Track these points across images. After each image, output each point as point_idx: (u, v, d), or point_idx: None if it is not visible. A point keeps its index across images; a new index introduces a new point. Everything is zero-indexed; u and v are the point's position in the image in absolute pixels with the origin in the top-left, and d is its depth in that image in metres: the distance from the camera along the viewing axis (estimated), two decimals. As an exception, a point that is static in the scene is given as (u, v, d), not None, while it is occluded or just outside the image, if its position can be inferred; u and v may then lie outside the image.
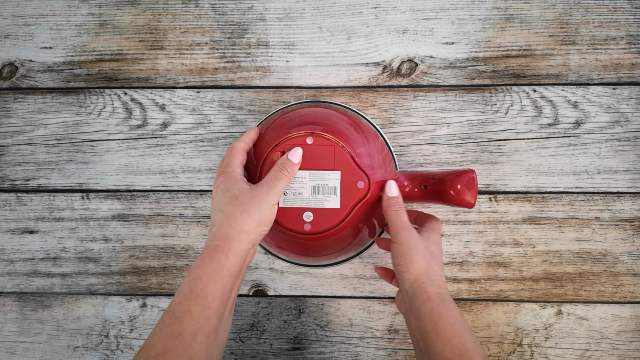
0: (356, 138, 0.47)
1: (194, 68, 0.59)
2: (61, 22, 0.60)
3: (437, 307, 0.40)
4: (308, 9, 0.58)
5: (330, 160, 0.46)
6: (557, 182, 0.57)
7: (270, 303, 0.57)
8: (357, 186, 0.46)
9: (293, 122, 0.47)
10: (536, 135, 0.57)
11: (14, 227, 0.59)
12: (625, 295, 0.56)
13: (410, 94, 0.57)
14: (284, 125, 0.48)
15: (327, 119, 0.48)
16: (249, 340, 0.57)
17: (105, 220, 0.58)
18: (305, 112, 0.50)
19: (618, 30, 0.57)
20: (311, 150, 0.45)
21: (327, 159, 0.46)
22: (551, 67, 0.57)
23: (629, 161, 0.56)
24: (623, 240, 0.56)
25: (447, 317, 0.39)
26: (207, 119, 0.58)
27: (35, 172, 0.59)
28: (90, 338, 0.58)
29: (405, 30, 0.58)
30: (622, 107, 0.57)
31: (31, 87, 0.59)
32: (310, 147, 0.45)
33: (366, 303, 0.57)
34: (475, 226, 0.57)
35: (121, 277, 0.58)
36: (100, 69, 0.59)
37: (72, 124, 0.59)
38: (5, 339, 0.58)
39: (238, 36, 0.59)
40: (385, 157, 0.50)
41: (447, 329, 0.39)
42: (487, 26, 0.58)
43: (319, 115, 0.49)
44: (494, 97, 0.57)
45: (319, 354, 0.56)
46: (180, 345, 0.36)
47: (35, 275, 0.58)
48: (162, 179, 0.58)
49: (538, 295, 0.56)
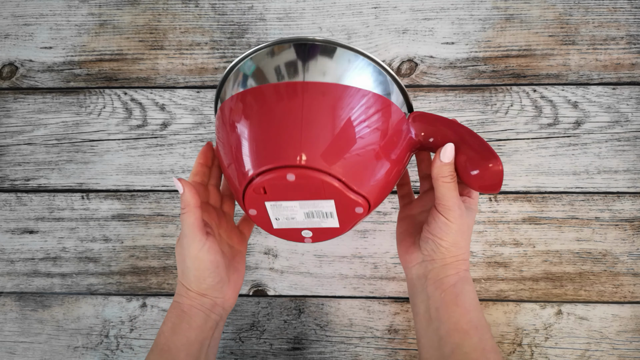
0: (352, 149, 0.36)
1: (194, 68, 0.59)
2: (61, 22, 0.60)
3: (461, 282, 0.40)
4: (308, 9, 0.58)
5: (320, 191, 0.37)
6: (557, 182, 0.57)
7: (270, 303, 0.57)
8: (355, 211, 0.38)
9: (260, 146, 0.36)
10: (536, 135, 0.57)
11: (14, 227, 0.59)
12: (625, 295, 0.56)
13: (410, 94, 0.57)
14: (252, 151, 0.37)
15: (308, 130, 0.36)
16: (249, 340, 0.57)
17: (105, 220, 0.58)
18: (277, 120, 0.36)
19: (618, 30, 0.57)
20: (295, 184, 0.36)
21: (316, 190, 0.37)
22: (551, 67, 0.57)
23: (629, 161, 0.56)
24: (623, 240, 0.56)
25: (468, 293, 0.39)
26: (207, 119, 0.58)
27: (35, 172, 0.59)
28: (90, 338, 0.58)
29: (405, 30, 0.58)
30: (622, 107, 0.57)
31: (31, 87, 0.59)
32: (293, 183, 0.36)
33: (366, 303, 0.57)
34: (475, 226, 0.57)
35: (121, 277, 0.58)
36: (100, 69, 0.59)
37: (72, 124, 0.59)
38: (5, 339, 0.58)
39: (238, 36, 0.59)
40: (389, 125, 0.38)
41: (467, 302, 0.39)
42: (487, 26, 0.58)
43: (295, 125, 0.36)
44: (494, 97, 0.57)
45: (319, 354, 0.57)
46: None
47: (35, 275, 0.58)
48: (162, 179, 0.58)
49: (538, 295, 0.56)
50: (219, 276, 0.40)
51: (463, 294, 0.39)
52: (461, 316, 0.38)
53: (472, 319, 0.38)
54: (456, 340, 0.37)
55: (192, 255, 0.38)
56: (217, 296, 0.41)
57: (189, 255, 0.38)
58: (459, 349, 0.37)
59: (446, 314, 0.38)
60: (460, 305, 0.38)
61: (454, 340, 0.37)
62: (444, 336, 0.38)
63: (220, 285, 0.41)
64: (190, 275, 0.39)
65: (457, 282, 0.40)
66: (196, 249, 0.38)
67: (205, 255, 0.38)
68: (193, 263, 0.39)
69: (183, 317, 0.39)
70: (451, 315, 0.38)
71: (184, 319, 0.39)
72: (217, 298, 0.41)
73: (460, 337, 0.37)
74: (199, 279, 0.39)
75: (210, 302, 0.40)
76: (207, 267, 0.39)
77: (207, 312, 0.40)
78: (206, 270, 0.39)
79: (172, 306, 0.40)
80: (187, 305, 0.39)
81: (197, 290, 0.40)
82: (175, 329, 0.39)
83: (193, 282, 0.39)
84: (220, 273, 0.40)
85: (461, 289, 0.39)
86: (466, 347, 0.37)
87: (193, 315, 0.39)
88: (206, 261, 0.38)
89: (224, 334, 0.57)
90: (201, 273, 0.39)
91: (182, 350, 0.38)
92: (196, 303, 0.40)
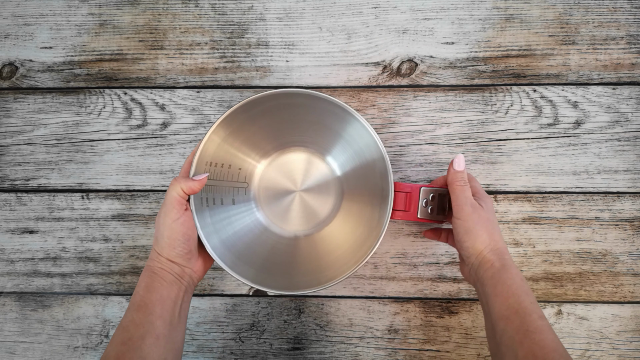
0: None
1: (194, 68, 0.59)
2: (61, 22, 0.60)
3: (497, 273, 0.42)
4: (308, 9, 0.58)
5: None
6: (557, 182, 0.57)
7: (270, 303, 0.57)
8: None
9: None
10: (536, 135, 0.57)
11: (14, 227, 0.59)
12: (625, 295, 0.56)
13: (410, 94, 0.57)
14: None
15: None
16: (249, 340, 0.57)
17: (105, 220, 0.58)
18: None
19: (618, 30, 0.57)
20: None
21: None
22: (551, 67, 0.57)
23: (629, 161, 0.56)
24: (623, 240, 0.56)
25: (505, 280, 0.42)
26: (207, 119, 0.58)
27: (35, 172, 0.59)
28: (90, 338, 0.58)
29: (405, 30, 0.58)
30: (622, 107, 0.57)
31: (31, 87, 0.59)
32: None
33: (366, 303, 0.57)
34: (475, 226, 0.57)
35: (121, 277, 0.58)
36: (100, 69, 0.59)
37: (72, 124, 0.59)
38: (5, 339, 0.58)
39: (238, 36, 0.59)
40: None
41: (504, 290, 0.41)
42: (487, 26, 0.58)
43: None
44: (494, 97, 0.57)
45: (319, 354, 0.57)
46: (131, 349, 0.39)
47: (35, 275, 0.58)
48: (162, 179, 0.58)
49: (538, 295, 0.56)
50: (188, 248, 0.44)
51: (500, 283, 0.42)
52: (501, 304, 0.41)
53: (511, 305, 0.40)
54: (502, 326, 0.40)
55: (166, 224, 0.43)
56: (186, 265, 0.45)
57: (164, 223, 0.43)
58: (505, 334, 0.40)
59: (491, 306, 0.42)
60: (499, 294, 0.41)
61: (500, 327, 0.40)
62: (494, 325, 0.41)
63: (189, 257, 0.45)
64: (163, 242, 0.43)
65: (494, 273, 0.42)
66: (171, 219, 0.43)
67: (179, 227, 0.43)
68: (166, 231, 0.43)
69: (155, 278, 0.43)
70: (493, 305, 0.41)
71: (156, 279, 0.43)
72: (186, 267, 0.45)
73: (504, 323, 0.40)
74: (170, 247, 0.43)
75: (179, 269, 0.44)
76: (177, 237, 0.43)
77: (177, 277, 0.44)
78: (177, 240, 0.43)
79: (145, 269, 0.44)
80: (158, 268, 0.43)
81: (167, 256, 0.43)
82: (149, 287, 0.42)
83: (165, 249, 0.43)
84: (189, 246, 0.44)
85: (498, 279, 0.42)
86: (510, 331, 0.39)
87: (164, 276, 0.43)
88: (178, 232, 0.43)
89: (224, 333, 0.57)
90: (172, 242, 0.43)
91: (157, 304, 0.42)
92: (166, 267, 0.43)
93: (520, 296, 0.40)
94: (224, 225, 0.50)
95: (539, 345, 0.37)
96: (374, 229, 0.48)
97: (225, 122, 0.47)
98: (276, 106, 0.49)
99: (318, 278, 0.48)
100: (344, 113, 0.47)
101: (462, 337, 0.56)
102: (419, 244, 0.57)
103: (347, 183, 0.54)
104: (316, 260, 0.51)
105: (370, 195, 0.50)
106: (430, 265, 0.57)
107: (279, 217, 0.54)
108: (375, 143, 0.47)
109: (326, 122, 0.50)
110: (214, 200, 0.50)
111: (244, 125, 0.49)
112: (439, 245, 0.57)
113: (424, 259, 0.57)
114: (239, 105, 0.46)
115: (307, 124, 0.51)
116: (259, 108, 0.48)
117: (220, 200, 0.50)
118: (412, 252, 0.57)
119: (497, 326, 0.41)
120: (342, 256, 0.50)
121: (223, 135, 0.48)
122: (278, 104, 0.48)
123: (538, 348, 0.37)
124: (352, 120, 0.48)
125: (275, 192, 0.54)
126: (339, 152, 0.53)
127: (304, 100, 0.48)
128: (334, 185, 0.54)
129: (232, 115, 0.47)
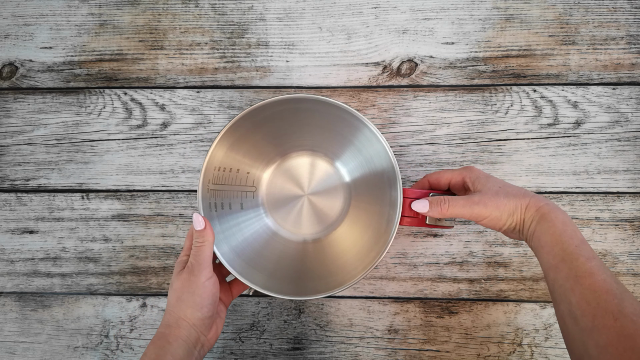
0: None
1: (194, 68, 0.59)
2: (61, 22, 0.60)
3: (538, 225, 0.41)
4: (308, 9, 0.58)
5: None
6: (557, 182, 0.57)
7: (270, 303, 0.57)
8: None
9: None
10: (536, 135, 0.57)
11: (14, 227, 0.59)
12: (625, 295, 0.56)
13: (410, 94, 0.58)
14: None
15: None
16: (249, 340, 0.57)
17: (105, 220, 0.58)
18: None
19: (618, 30, 0.57)
20: None
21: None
22: (551, 67, 0.57)
23: (629, 161, 0.56)
24: (623, 240, 0.56)
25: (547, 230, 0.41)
26: (207, 119, 0.58)
27: (35, 172, 0.59)
28: (90, 338, 0.58)
29: (405, 30, 0.58)
30: (622, 107, 0.57)
31: (31, 87, 0.59)
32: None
33: (366, 303, 0.57)
34: (476, 226, 0.57)
35: (121, 277, 0.58)
36: (100, 69, 0.59)
37: (72, 124, 0.59)
38: (5, 339, 0.58)
39: (238, 36, 0.59)
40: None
41: (548, 240, 0.40)
42: (487, 26, 0.58)
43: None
44: (494, 97, 0.57)
45: (319, 354, 0.57)
46: None
47: (35, 275, 0.58)
48: (162, 179, 0.58)
49: (538, 295, 0.56)
50: (213, 310, 0.44)
51: (543, 234, 0.41)
52: (548, 254, 0.40)
53: (557, 253, 0.39)
54: (552, 276, 0.39)
55: (199, 283, 0.42)
56: (203, 332, 0.44)
57: (197, 282, 0.42)
58: (556, 282, 0.39)
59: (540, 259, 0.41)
60: (544, 245, 0.41)
61: (551, 277, 0.40)
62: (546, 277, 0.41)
63: (210, 322, 0.44)
64: (190, 302, 0.42)
65: (536, 228, 0.41)
66: (205, 277, 0.43)
67: (211, 287, 0.43)
68: (198, 289, 0.42)
69: (167, 349, 0.41)
70: (542, 258, 0.41)
71: (169, 350, 0.41)
72: (202, 335, 0.44)
73: (554, 273, 0.39)
74: (198, 307, 0.43)
75: (195, 336, 0.43)
76: (208, 296, 0.43)
77: (191, 348, 0.42)
78: (206, 299, 0.43)
79: (156, 336, 0.42)
80: (174, 336, 0.42)
81: (190, 318, 0.42)
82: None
83: (189, 309, 0.42)
84: (214, 308, 0.44)
85: (540, 231, 0.41)
86: (560, 279, 0.39)
87: (177, 347, 0.41)
88: (209, 292, 0.43)
89: (224, 333, 0.57)
90: (202, 301, 0.43)
91: None
92: (183, 334, 0.42)
93: (565, 242, 0.39)
94: (233, 232, 0.50)
95: (589, 289, 0.36)
96: (382, 235, 0.48)
97: (232, 128, 0.47)
98: (286, 110, 0.49)
99: (327, 283, 0.48)
100: (352, 119, 0.47)
101: (462, 337, 0.56)
102: (419, 244, 0.57)
103: (355, 187, 0.54)
104: (325, 265, 0.51)
105: (379, 201, 0.51)
106: (430, 265, 0.57)
107: (288, 220, 0.54)
108: (384, 150, 0.47)
109: (336, 128, 0.50)
110: (222, 204, 0.50)
111: (251, 130, 0.49)
112: (439, 245, 0.57)
113: (424, 259, 0.57)
114: (245, 113, 0.47)
115: (315, 129, 0.52)
116: (268, 112, 0.48)
117: (229, 205, 0.51)
118: (412, 252, 0.57)
119: (548, 277, 0.40)
120: (350, 261, 0.50)
121: (231, 141, 0.48)
122: (285, 108, 0.49)
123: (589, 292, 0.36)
124: (361, 126, 0.48)
125: (284, 196, 0.54)
126: (349, 158, 0.53)
127: (311, 105, 0.48)
128: (341, 189, 0.54)
129: (240, 121, 0.47)
